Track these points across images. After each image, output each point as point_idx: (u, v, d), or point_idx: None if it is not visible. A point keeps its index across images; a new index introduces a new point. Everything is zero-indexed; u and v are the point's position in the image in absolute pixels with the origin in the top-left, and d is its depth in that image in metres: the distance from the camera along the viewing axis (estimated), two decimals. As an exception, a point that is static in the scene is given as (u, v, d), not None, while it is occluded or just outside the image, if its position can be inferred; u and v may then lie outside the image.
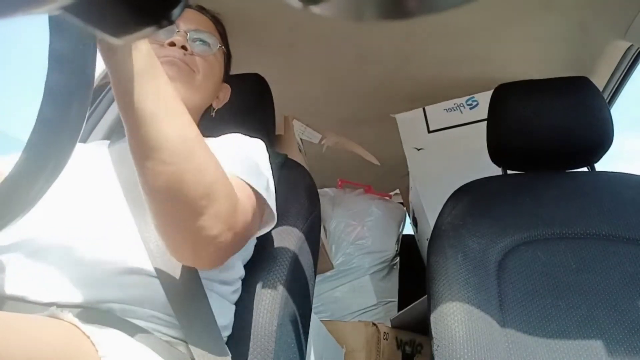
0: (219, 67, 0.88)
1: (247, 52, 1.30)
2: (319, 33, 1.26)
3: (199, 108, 0.86)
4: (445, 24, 1.23)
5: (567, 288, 0.85)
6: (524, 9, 1.17)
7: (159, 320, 0.63)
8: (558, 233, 0.92)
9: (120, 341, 0.56)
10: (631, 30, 1.20)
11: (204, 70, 0.82)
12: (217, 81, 0.88)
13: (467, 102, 1.60)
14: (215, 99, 0.91)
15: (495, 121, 1.06)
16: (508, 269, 0.88)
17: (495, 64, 1.43)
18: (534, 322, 0.82)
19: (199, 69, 0.82)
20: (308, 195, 0.95)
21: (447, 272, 0.86)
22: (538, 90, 1.04)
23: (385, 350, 1.58)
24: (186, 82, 0.79)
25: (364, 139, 1.85)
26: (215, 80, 0.87)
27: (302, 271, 0.86)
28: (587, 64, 1.39)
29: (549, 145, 1.01)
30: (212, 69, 0.85)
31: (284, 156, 1.01)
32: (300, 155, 1.47)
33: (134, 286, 0.63)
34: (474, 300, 0.82)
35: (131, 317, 0.61)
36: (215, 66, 0.86)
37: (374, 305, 1.84)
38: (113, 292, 0.62)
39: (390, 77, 1.51)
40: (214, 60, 0.85)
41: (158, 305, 0.63)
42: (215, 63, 0.86)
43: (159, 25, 0.23)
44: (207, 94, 0.86)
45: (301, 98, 1.59)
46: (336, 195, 2.07)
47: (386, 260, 1.91)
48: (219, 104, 0.92)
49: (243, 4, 1.13)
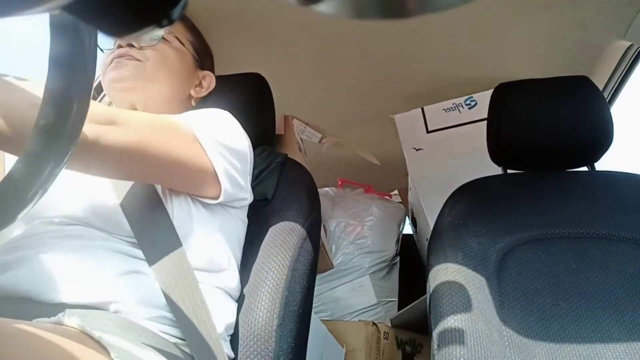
0: (175, 53, 0.87)
1: (247, 52, 1.30)
2: (319, 32, 1.25)
3: (168, 98, 0.86)
4: (445, 24, 1.23)
5: (567, 288, 0.85)
6: (524, 8, 1.17)
7: (166, 321, 0.63)
8: (558, 233, 0.92)
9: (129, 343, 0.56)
10: (631, 30, 1.20)
11: (153, 58, 0.83)
12: (177, 68, 0.87)
13: (466, 102, 1.60)
14: (192, 87, 0.90)
15: (495, 120, 1.06)
16: (508, 268, 0.88)
17: (495, 63, 1.43)
18: (534, 321, 0.82)
19: (147, 57, 0.82)
20: (308, 194, 0.95)
21: (447, 272, 0.86)
22: (538, 89, 1.04)
23: (385, 350, 1.58)
24: (136, 75, 0.81)
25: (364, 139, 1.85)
26: (174, 67, 0.87)
27: (302, 270, 0.86)
28: (587, 64, 1.39)
29: (548, 145, 1.01)
30: (164, 56, 0.85)
31: (284, 156, 1.01)
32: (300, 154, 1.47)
33: (142, 287, 0.63)
34: (474, 299, 0.82)
35: (138, 318, 0.61)
36: (167, 53, 0.86)
37: (374, 305, 1.84)
38: (121, 293, 0.61)
39: (390, 76, 1.51)
40: (166, 48, 0.86)
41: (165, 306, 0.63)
42: (168, 50, 0.86)
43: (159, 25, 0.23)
44: (168, 82, 0.85)
45: (301, 98, 1.59)
46: (336, 195, 2.07)
47: (386, 259, 1.91)
48: (201, 92, 0.92)
49: (243, 4, 1.13)
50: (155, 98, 0.84)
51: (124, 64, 0.81)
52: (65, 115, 0.37)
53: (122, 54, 0.81)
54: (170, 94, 0.86)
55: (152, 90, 0.83)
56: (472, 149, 1.43)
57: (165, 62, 0.85)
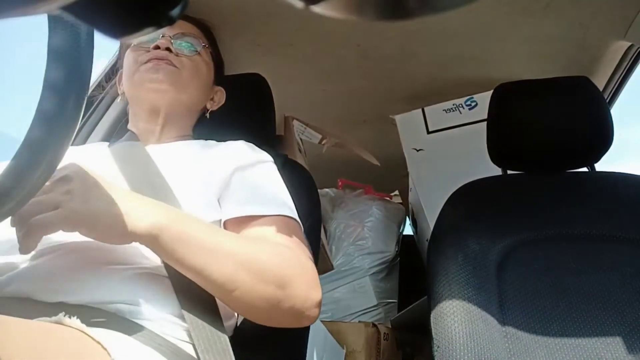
0: (206, 67, 0.91)
1: (247, 52, 1.30)
2: (320, 32, 1.25)
3: (191, 107, 0.89)
4: (446, 24, 1.23)
5: (567, 288, 0.85)
6: (524, 9, 1.17)
7: (167, 322, 0.63)
8: (558, 233, 0.92)
9: (130, 344, 0.56)
10: (631, 30, 1.20)
11: (189, 67, 0.86)
12: (205, 81, 0.91)
13: (466, 102, 1.60)
14: (208, 101, 0.93)
15: (495, 121, 1.06)
16: (508, 269, 0.88)
17: (495, 64, 1.43)
18: (534, 322, 0.82)
19: (183, 65, 0.85)
20: (308, 195, 0.95)
21: (447, 273, 0.86)
22: (538, 90, 1.04)
23: (385, 351, 1.58)
24: (172, 82, 0.83)
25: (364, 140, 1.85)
26: (203, 80, 0.90)
27: (302, 271, 0.85)
28: (587, 64, 1.39)
29: (548, 145, 1.01)
30: (198, 68, 0.88)
31: (284, 156, 1.01)
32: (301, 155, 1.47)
33: (143, 287, 0.63)
34: (474, 300, 0.82)
35: (139, 318, 0.61)
36: (201, 65, 0.89)
37: (374, 306, 1.84)
38: (122, 293, 0.61)
39: (390, 77, 1.51)
40: (199, 60, 0.89)
41: (167, 306, 0.63)
42: (202, 63, 0.89)
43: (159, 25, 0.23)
44: (196, 93, 0.88)
45: (301, 98, 1.59)
46: (336, 196, 2.07)
47: (386, 260, 1.91)
48: (213, 106, 0.95)
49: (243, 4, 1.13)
50: (180, 105, 0.86)
51: (162, 67, 0.82)
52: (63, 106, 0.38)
53: (162, 57, 0.83)
54: (194, 104, 0.89)
55: (181, 97, 0.85)
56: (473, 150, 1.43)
57: (198, 73, 0.88)
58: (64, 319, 0.52)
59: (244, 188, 0.75)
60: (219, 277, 0.60)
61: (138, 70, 0.84)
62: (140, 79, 0.83)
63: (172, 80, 0.83)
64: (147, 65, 0.83)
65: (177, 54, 0.85)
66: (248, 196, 0.74)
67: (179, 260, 0.59)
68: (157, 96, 0.83)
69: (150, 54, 0.84)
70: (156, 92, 0.83)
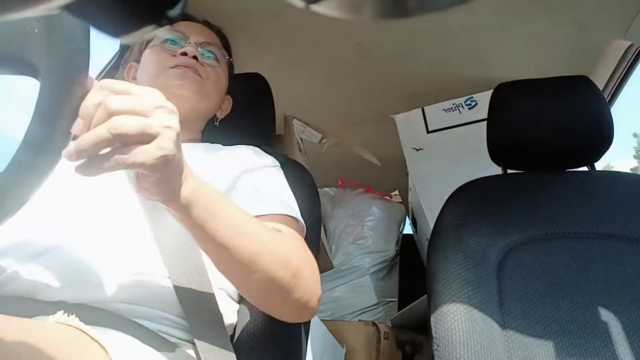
0: (225, 78, 0.93)
1: (247, 52, 1.30)
2: (319, 32, 1.26)
3: (206, 115, 0.91)
4: (445, 24, 1.23)
5: (567, 288, 0.85)
6: (524, 9, 1.17)
7: (166, 322, 0.63)
8: (558, 233, 0.92)
9: (128, 343, 0.56)
10: (631, 30, 1.20)
11: (212, 78, 0.87)
12: (222, 92, 0.93)
13: (466, 102, 1.60)
14: (218, 109, 0.95)
15: (495, 120, 1.06)
16: (508, 268, 0.88)
17: (495, 64, 1.43)
18: (534, 321, 0.82)
19: (208, 76, 0.86)
20: (308, 195, 0.95)
21: (447, 272, 0.86)
22: (538, 89, 1.04)
23: (385, 350, 1.58)
24: (197, 91, 0.84)
25: (364, 139, 1.85)
26: (221, 90, 0.92)
27: (302, 271, 0.85)
28: (587, 64, 1.39)
29: (548, 145, 1.01)
30: (219, 79, 0.90)
31: (284, 156, 1.01)
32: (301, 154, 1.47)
33: (144, 286, 0.63)
34: (474, 299, 0.82)
35: (138, 317, 0.61)
36: (222, 77, 0.91)
37: (374, 305, 1.84)
38: (122, 292, 0.61)
39: (390, 76, 1.51)
40: (220, 72, 0.90)
41: (167, 306, 0.63)
42: (222, 74, 0.91)
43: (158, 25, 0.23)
44: (214, 102, 0.90)
45: (301, 98, 1.59)
46: (336, 195, 2.08)
47: (386, 260, 1.91)
48: (222, 114, 0.96)
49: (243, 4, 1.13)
50: (197, 113, 0.87)
51: (188, 75, 0.83)
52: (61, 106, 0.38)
53: (189, 65, 0.84)
54: (209, 112, 0.91)
55: (200, 106, 0.86)
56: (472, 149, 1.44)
57: (219, 85, 0.90)
58: (63, 318, 0.52)
59: (250, 189, 0.75)
60: (243, 256, 0.58)
61: (164, 74, 0.84)
62: (166, 83, 0.83)
63: (196, 89, 0.84)
64: (175, 70, 0.83)
65: (202, 63, 0.86)
66: (254, 196, 0.74)
67: (209, 233, 0.56)
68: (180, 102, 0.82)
69: (177, 59, 0.84)
70: (180, 98, 0.82)
